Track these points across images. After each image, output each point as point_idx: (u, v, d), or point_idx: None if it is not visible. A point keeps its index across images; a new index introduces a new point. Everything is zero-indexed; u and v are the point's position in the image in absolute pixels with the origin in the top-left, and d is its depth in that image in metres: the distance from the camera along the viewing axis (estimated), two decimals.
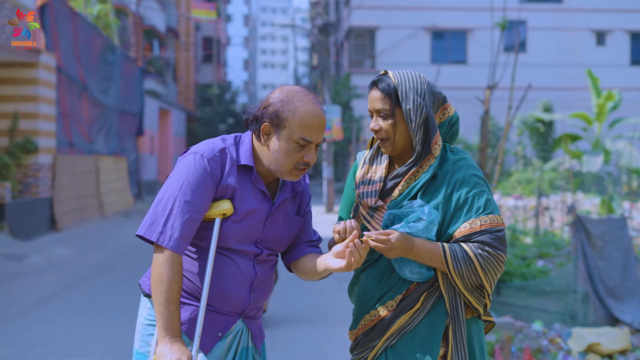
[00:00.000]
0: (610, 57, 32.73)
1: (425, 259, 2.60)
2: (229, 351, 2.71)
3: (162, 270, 2.53)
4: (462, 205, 2.65)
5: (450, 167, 2.71)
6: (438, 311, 2.67)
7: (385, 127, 2.70)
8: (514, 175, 23.71)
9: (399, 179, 2.73)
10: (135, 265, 11.38)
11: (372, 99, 2.73)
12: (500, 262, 2.62)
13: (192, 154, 2.66)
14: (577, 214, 8.30)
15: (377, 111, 2.72)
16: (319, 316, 8.15)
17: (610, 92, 21.11)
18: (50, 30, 16.08)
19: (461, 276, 2.59)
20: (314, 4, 51.69)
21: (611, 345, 6.86)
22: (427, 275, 2.64)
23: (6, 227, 13.53)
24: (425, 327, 2.66)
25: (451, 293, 2.65)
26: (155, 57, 32.24)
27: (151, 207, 2.64)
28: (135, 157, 25.02)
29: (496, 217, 2.65)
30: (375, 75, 2.79)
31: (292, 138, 2.63)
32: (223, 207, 2.65)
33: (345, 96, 31.80)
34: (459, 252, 2.59)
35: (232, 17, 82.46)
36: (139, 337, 2.77)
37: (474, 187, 2.68)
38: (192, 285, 2.68)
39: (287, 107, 2.63)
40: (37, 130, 15.29)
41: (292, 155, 2.64)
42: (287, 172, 2.67)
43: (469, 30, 33.15)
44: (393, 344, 2.70)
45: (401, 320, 2.67)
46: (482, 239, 2.60)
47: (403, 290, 2.68)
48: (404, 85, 2.69)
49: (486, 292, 2.68)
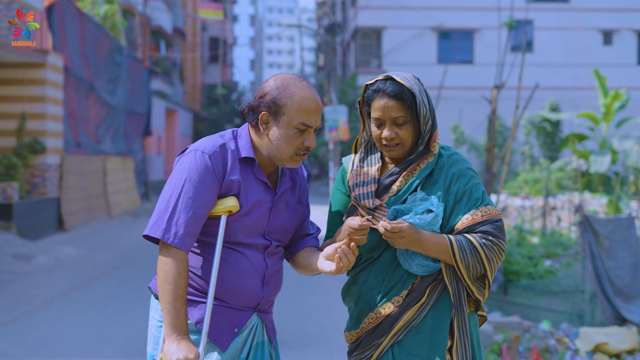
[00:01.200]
0: (617, 56, 32.63)
1: (433, 251, 2.62)
2: (244, 346, 2.71)
3: (167, 268, 2.54)
4: (461, 197, 2.70)
5: (445, 161, 2.75)
6: (443, 304, 2.69)
7: (402, 134, 2.70)
8: (521, 175, 23.67)
9: (394, 177, 2.75)
10: (143, 265, 11.41)
11: (386, 107, 2.68)
12: (502, 250, 2.67)
13: (192, 151, 2.67)
14: (584, 213, 8.29)
15: (393, 119, 2.68)
16: (325, 316, 8.15)
17: (618, 92, 21.08)
18: (58, 31, 16.13)
19: (467, 266, 2.63)
20: (320, 4, 51.71)
21: (619, 345, 6.86)
22: (435, 267, 2.66)
23: (14, 227, 13.58)
24: (431, 321, 2.68)
25: (455, 284, 2.68)
26: (162, 58, 32.30)
27: (155, 207, 2.65)
28: (142, 157, 25.06)
29: (493, 208, 2.72)
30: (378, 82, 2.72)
31: (292, 124, 2.65)
32: (229, 204, 2.65)
33: (352, 96, 31.78)
34: (465, 242, 2.63)
35: (238, 18, 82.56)
36: (152, 340, 2.76)
37: (470, 179, 2.74)
38: (204, 283, 2.69)
39: (284, 93, 2.65)
40: (44, 130, 15.33)
41: (293, 141, 2.66)
42: (289, 159, 2.69)
43: (475, 30, 33.11)
44: (399, 340, 2.70)
45: (407, 315, 2.68)
46: (485, 229, 2.66)
47: (408, 285, 2.70)
48: (415, 88, 2.69)
49: (487, 281, 2.72)
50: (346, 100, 30.56)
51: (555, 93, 29.12)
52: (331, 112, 23.41)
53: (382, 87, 2.70)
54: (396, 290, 2.71)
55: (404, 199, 2.71)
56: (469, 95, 29.45)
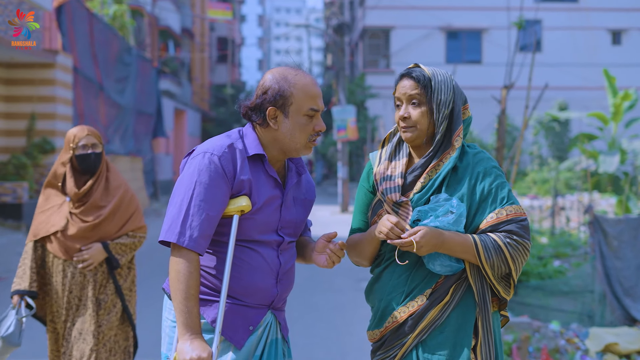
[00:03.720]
0: (626, 56, 32.52)
1: (457, 252, 2.63)
2: (259, 344, 2.72)
3: (179, 267, 2.55)
4: (486, 196, 2.70)
5: (470, 160, 2.75)
6: (466, 303, 2.69)
7: (415, 115, 2.73)
8: (530, 175, 23.63)
9: (418, 172, 2.75)
10: (151, 265, 11.42)
11: (405, 86, 2.75)
12: (527, 249, 2.67)
13: (201, 153, 2.67)
14: (594, 213, 8.27)
15: (410, 97, 2.74)
16: (336, 316, 8.17)
17: (627, 92, 21.02)
18: (67, 31, 16.17)
19: (492, 266, 2.63)
20: (328, 4, 51.70)
21: (629, 345, 6.84)
22: (457, 267, 2.66)
23: (24, 226, 13.63)
24: (455, 320, 2.68)
25: (479, 284, 2.69)
26: (170, 58, 32.37)
27: (167, 211, 2.65)
28: (150, 157, 25.11)
29: (519, 207, 2.71)
30: (405, 69, 2.82)
31: (302, 111, 2.69)
32: (241, 204, 2.65)
33: (360, 96, 31.80)
34: (489, 242, 2.63)
35: (246, 18, 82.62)
36: (167, 340, 2.78)
37: (496, 178, 2.73)
38: (218, 282, 2.69)
39: (287, 84, 2.68)
40: (54, 130, 15.38)
41: (305, 128, 2.70)
42: (303, 147, 2.73)
43: (483, 29, 33.07)
44: (423, 340, 2.70)
45: (432, 314, 2.68)
46: (509, 228, 2.66)
47: (432, 284, 2.70)
48: (437, 77, 2.74)
49: (512, 280, 2.72)
50: (354, 100, 30.56)
51: (564, 93, 29.05)
52: (340, 112, 23.39)
53: (406, 71, 2.79)
54: (420, 289, 2.71)
55: (427, 196, 2.72)
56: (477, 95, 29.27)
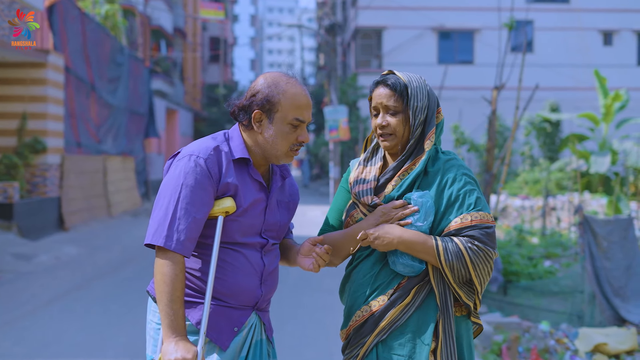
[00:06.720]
0: (617, 57, 32.63)
1: (418, 251, 2.66)
2: (244, 345, 2.74)
3: (165, 270, 2.56)
4: (454, 201, 2.72)
5: (442, 165, 2.78)
6: (428, 306, 2.72)
7: (394, 124, 2.76)
8: (521, 175, 23.66)
9: (389, 174, 2.80)
10: (143, 265, 11.42)
11: (381, 95, 2.78)
12: (489, 257, 2.67)
13: (187, 156, 2.67)
14: (584, 214, 8.31)
15: (386, 107, 2.77)
16: (326, 316, 8.18)
17: (618, 92, 21.10)
18: (59, 30, 16.14)
19: (451, 268, 2.65)
20: (320, 4, 51.71)
21: (618, 346, 6.88)
22: (419, 268, 2.69)
23: (15, 226, 13.60)
24: (416, 322, 2.71)
25: (441, 287, 2.71)
26: (162, 57, 32.30)
27: (152, 214, 2.65)
28: (142, 157, 25.09)
29: (486, 214, 2.71)
30: (381, 75, 2.84)
31: (286, 120, 2.70)
32: (226, 205, 2.67)
33: (352, 96, 31.79)
34: (451, 245, 2.65)
35: (239, 17, 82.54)
36: (151, 342, 2.78)
37: (465, 184, 2.75)
38: (203, 284, 2.71)
39: (276, 90, 2.69)
40: (45, 130, 15.35)
41: (288, 137, 2.71)
42: (284, 155, 2.74)
43: (476, 30, 33.12)
44: (384, 339, 2.73)
45: (392, 314, 2.71)
46: (471, 234, 2.67)
47: (395, 284, 2.74)
48: (412, 83, 2.77)
49: (475, 289, 2.73)
50: (346, 100, 30.56)
51: (555, 93, 29.11)
52: (331, 112, 23.42)
53: (381, 79, 2.81)
54: (382, 289, 2.75)
55: (397, 197, 2.76)
56: (469, 95, 29.47)
